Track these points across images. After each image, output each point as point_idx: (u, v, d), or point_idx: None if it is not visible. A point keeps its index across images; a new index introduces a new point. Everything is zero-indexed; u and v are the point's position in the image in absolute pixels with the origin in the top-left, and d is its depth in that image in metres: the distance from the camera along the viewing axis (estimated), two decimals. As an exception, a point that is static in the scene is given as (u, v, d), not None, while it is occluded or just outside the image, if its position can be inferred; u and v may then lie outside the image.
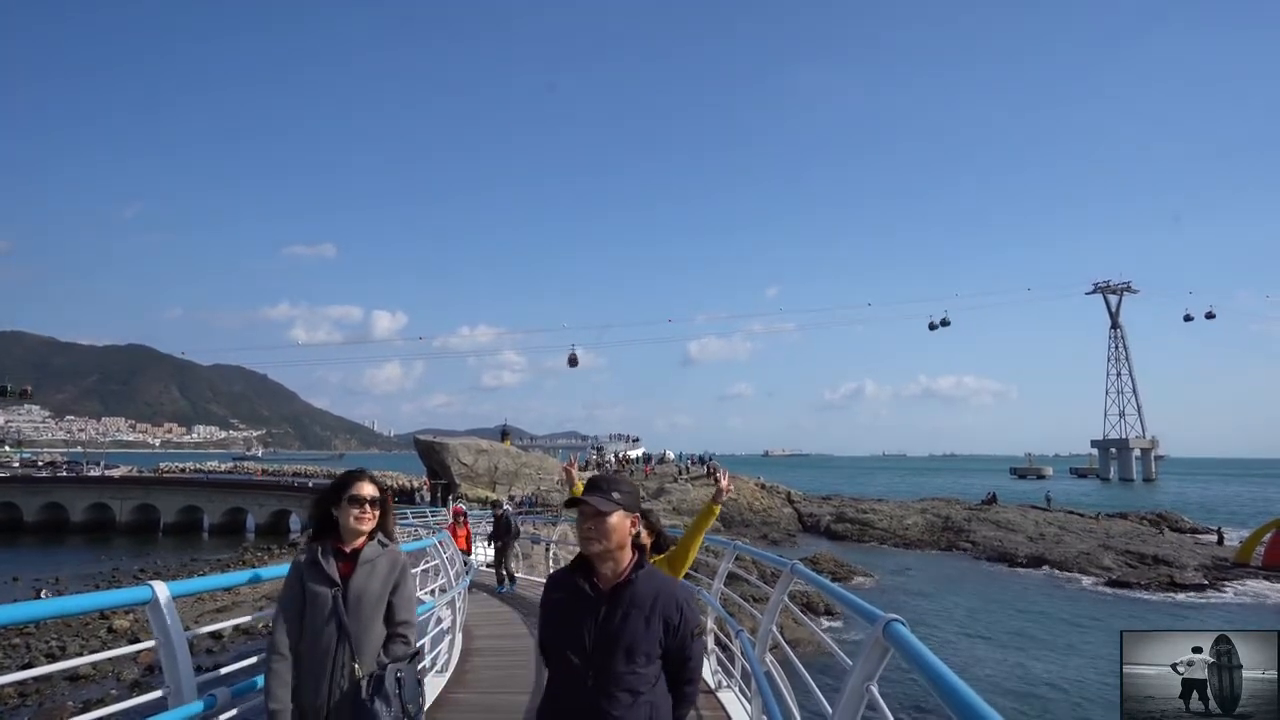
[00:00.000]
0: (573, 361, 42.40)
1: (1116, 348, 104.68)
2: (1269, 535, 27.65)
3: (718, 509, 3.96)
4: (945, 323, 52.29)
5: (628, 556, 2.13)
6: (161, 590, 2.89)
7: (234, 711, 2.95)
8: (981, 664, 15.98)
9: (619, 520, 2.08)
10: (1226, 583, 25.15)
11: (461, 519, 13.40)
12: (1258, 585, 24.88)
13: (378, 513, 2.62)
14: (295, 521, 43.19)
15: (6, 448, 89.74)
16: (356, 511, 2.56)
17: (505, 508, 13.96)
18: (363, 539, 2.61)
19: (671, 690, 2.13)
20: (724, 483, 4.05)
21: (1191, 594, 23.85)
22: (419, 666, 2.66)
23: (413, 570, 2.79)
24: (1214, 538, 35.20)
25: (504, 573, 12.15)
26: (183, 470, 62.53)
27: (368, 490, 2.59)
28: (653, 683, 2.05)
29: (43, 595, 23.02)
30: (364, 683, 2.41)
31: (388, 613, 2.60)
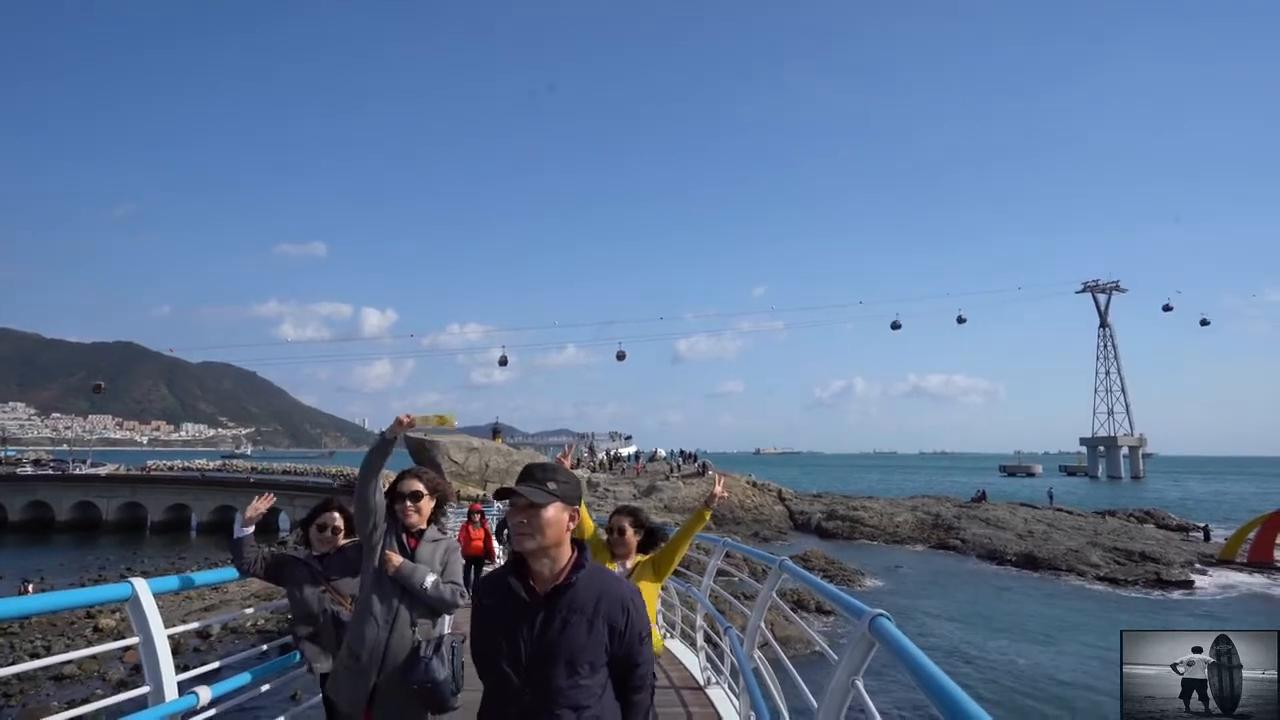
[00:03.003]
0: (503, 362, 44.08)
1: (1105, 346, 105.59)
2: (1254, 532, 27.97)
3: (709, 514, 3.84)
4: (910, 325, 51.65)
5: (566, 554, 1.89)
6: (142, 587, 2.86)
7: (214, 711, 2.92)
8: (969, 660, 16.07)
9: (555, 513, 1.85)
10: (1213, 579, 25.40)
11: (479, 518, 11.72)
12: (1243, 581, 25.16)
13: (420, 505, 2.94)
14: (284, 520, 42.93)
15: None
16: (399, 506, 2.94)
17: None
18: (414, 527, 2.97)
19: (620, 699, 1.90)
20: (718, 489, 3.94)
21: (1178, 590, 24.07)
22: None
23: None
24: (1200, 535, 35.62)
25: None
26: (170, 468, 61.89)
27: (408, 486, 2.97)
28: (599, 694, 1.83)
29: (29, 590, 22.73)
30: (425, 644, 2.72)
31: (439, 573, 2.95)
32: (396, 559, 2.77)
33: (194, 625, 3.93)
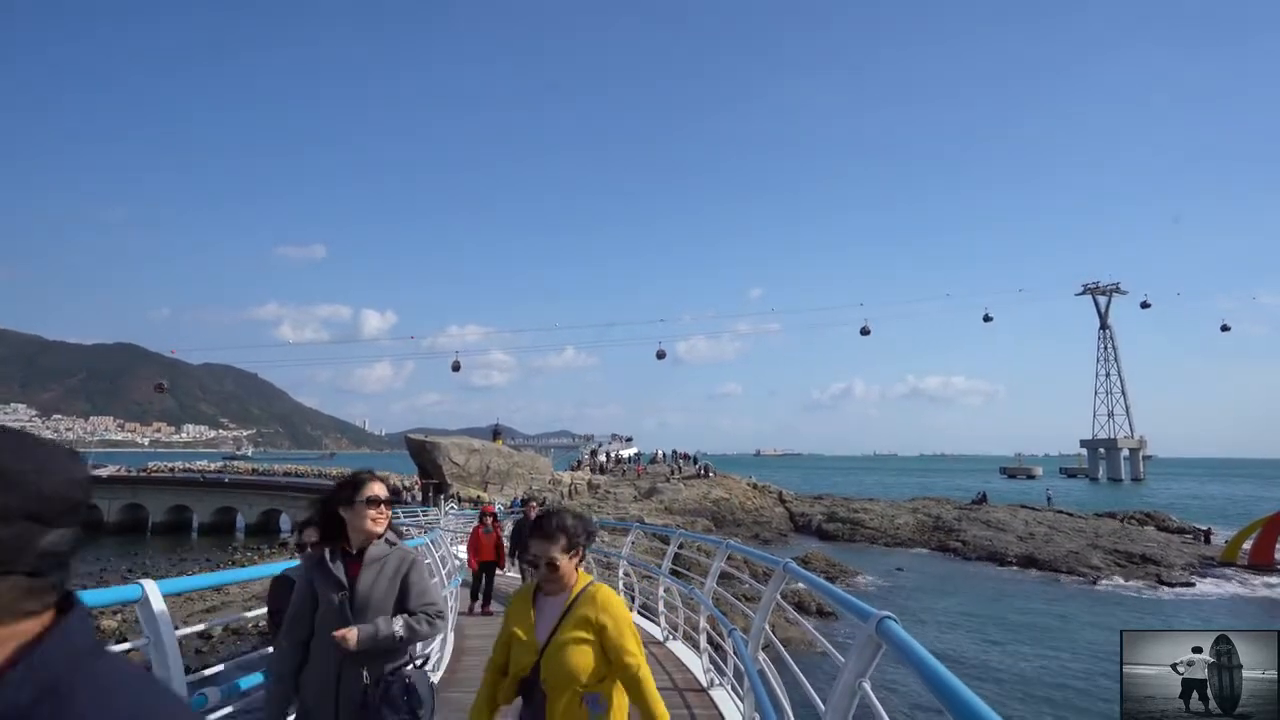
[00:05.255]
0: (456, 367, 45.75)
1: (1105, 348, 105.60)
2: (1255, 534, 27.96)
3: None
4: (866, 331, 47.77)
5: None
6: (152, 589, 2.88)
7: (224, 711, 2.94)
8: (973, 661, 16.07)
9: None
10: (1213, 581, 25.41)
11: (490, 521, 10.36)
12: (1243, 583, 25.14)
13: (390, 512, 2.59)
14: (285, 521, 42.96)
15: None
16: (373, 513, 2.49)
17: (533, 500, 11.51)
18: (369, 539, 2.54)
19: None
20: None
21: (1179, 592, 24.07)
22: (426, 671, 2.61)
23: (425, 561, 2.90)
24: (1201, 537, 35.59)
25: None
26: (171, 470, 61.93)
27: (382, 490, 2.55)
28: None
29: None
30: (371, 688, 2.34)
31: (400, 600, 2.52)
32: (353, 635, 2.33)
33: (198, 627, 3.95)
